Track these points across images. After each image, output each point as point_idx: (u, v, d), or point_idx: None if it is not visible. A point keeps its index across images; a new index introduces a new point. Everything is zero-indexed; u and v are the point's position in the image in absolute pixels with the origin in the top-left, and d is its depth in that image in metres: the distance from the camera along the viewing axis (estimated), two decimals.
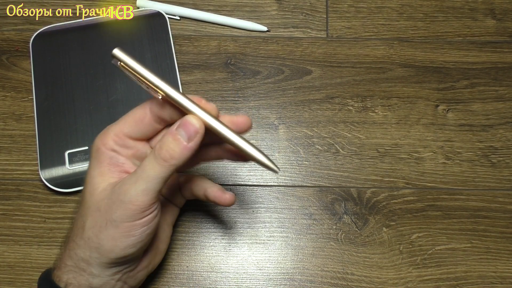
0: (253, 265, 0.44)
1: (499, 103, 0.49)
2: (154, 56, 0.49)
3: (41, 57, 0.49)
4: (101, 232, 0.33)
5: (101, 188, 0.34)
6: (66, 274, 0.34)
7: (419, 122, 0.48)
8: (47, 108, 0.47)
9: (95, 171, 0.35)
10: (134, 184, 0.33)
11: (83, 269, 0.34)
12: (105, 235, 0.33)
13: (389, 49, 0.51)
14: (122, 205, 0.33)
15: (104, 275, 0.35)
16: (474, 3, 0.53)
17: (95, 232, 0.34)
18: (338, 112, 0.49)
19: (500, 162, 0.47)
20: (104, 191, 0.34)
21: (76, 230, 0.35)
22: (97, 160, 0.35)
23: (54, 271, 0.35)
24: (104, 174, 0.35)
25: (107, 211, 0.33)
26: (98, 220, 0.33)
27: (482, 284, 0.43)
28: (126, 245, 0.34)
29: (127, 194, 0.33)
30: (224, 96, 0.49)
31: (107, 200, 0.33)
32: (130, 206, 0.33)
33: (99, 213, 0.33)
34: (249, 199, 0.46)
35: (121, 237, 0.33)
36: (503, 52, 0.51)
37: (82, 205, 0.35)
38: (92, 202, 0.34)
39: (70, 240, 0.35)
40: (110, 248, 0.33)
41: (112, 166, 0.35)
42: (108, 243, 0.33)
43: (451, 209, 0.45)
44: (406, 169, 0.47)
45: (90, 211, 0.34)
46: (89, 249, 0.34)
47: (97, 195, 0.34)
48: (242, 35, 0.52)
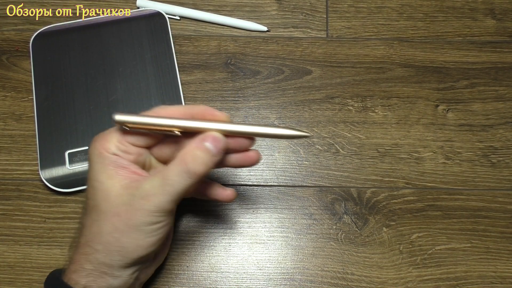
0: (253, 265, 0.44)
1: (499, 103, 0.49)
2: (154, 56, 0.49)
3: (41, 57, 0.49)
4: (123, 236, 0.34)
5: (115, 192, 0.34)
6: (85, 277, 0.34)
7: (419, 122, 0.48)
8: (47, 108, 0.47)
9: (101, 175, 0.35)
10: (160, 195, 0.33)
11: (105, 272, 0.35)
12: (128, 238, 0.34)
13: (389, 49, 0.51)
14: (146, 212, 0.33)
15: (125, 275, 0.35)
16: (474, 3, 0.53)
17: (116, 237, 0.34)
18: (338, 112, 0.49)
19: (500, 162, 0.47)
20: (121, 196, 0.34)
21: (91, 235, 0.35)
22: (101, 164, 0.35)
23: (68, 274, 0.35)
24: (112, 177, 0.34)
25: (129, 218, 0.34)
26: (118, 225, 0.34)
27: (482, 284, 0.43)
28: (149, 245, 0.35)
29: (151, 202, 0.33)
30: (224, 96, 0.49)
31: (127, 206, 0.34)
32: (155, 213, 0.34)
33: (118, 218, 0.34)
34: (249, 199, 0.46)
35: (144, 238, 0.34)
36: (503, 52, 0.51)
37: (94, 210, 0.35)
38: (108, 208, 0.34)
39: (84, 245, 0.35)
40: (133, 249, 0.34)
41: (118, 169, 0.35)
42: (131, 246, 0.34)
43: (451, 209, 0.45)
44: (406, 169, 0.47)
45: (108, 216, 0.34)
46: (110, 253, 0.34)
47: (112, 201, 0.34)
48: (242, 35, 0.52)
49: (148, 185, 0.34)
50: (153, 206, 0.33)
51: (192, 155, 0.34)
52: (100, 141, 0.36)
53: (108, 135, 0.36)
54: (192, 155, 0.34)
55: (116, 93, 0.48)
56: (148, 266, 0.39)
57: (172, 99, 0.48)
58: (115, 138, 0.35)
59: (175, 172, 0.34)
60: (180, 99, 0.48)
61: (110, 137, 0.35)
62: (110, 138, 0.35)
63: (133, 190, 0.34)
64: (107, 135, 0.36)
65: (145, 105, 0.47)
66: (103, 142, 0.35)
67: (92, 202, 0.35)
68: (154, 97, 0.48)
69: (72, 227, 0.44)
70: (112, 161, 0.35)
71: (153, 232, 0.34)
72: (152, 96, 0.48)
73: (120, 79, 0.48)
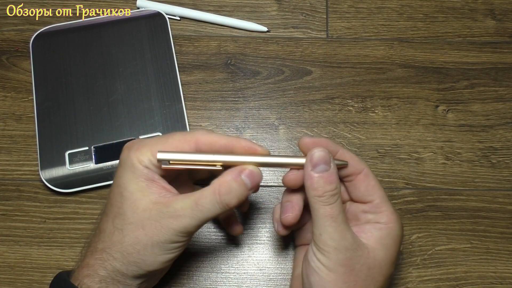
0: (253, 266, 0.44)
1: (499, 103, 0.49)
2: (154, 56, 0.49)
3: (41, 57, 0.49)
4: (145, 250, 0.34)
5: (144, 205, 0.34)
6: (98, 283, 0.34)
7: (419, 123, 0.48)
8: (47, 109, 0.47)
9: (132, 186, 0.35)
10: (189, 218, 0.34)
11: (118, 281, 0.35)
12: (149, 252, 0.34)
13: (389, 50, 0.51)
14: (172, 232, 0.34)
15: (135, 284, 0.36)
16: (474, 3, 0.53)
17: (137, 249, 0.34)
18: (338, 112, 0.49)
19: (500, 162, 0.47)
20: (149, 211, 0.34)
21: (110, 242, 0.35)
22: (133, 174, 0.35)
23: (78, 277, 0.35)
24: (143, 190, 0.35)
25: (154, 233, 0.34)
26: (141, 238, 0.34)
27: (482, 284, 0.43)
28: (166, 260, 0.35)
29: (180, 224, 0.34)
30: (224, 97, 0.49)
31: (153, 222, 0.34)
32: (180, 234, 0.34)
33: (143, 232, 0.34)
34: (249, 200, 0.46)
35: (163, 254, 0.34)
36: (503, 52, 0.51)
37: (119, 218, 0.35)
38: (134, 219, 0.34)
39: (102, 251, 0.35)
40: (151, 263, 0.34)
41: (149, 182, 0.35)
42: (150, 259, 0.34)
43: (451, 210, 0.45)
44: (406, 170, 0.47)
45: (132, 228, 0.34)
46: (127, 263, 0.34)
47: (140, 213, 0.34)
48: (242, 35, 0.52)
49: (179, 205, 0.34)
50: (180, 227, 0.34)
51: (228, 187, 0.34)
52: (135, 152, 0.35)
53: (143, 147, 0.35)
54: (228, 186, 0.34)
55: (116, 93, 0.48)
56: (155, 276, 0.39)
57: (172, 100, 0.48)
58: (149, 151, 0.35)
59: (208, 200, 0.34)
60: (180, 100, 0.48)
61: (145, 149, 0.35)
62: (145, 151, 0.35)
63: (163, 207, 0.34)
64: (142, 146, 0.36)
65: (145, 105, 0.47)
66: (137, 153, 0.35)
67: (117, 210, 0.35)
68: (154, 97, 0.48)
69: (72, 228, 0.44)
70: (144, 173, 0.35)
71: (173, 249, 0.35)
72: (152, 96, 0.48)
73: (120, 80, 0.48)
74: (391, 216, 0.35)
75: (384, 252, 0.34)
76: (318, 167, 0.34)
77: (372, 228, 0.35)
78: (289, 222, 0.36)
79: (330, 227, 0.33)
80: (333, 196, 0.34)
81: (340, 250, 0.33)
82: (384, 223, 0.35)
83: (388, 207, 0.36)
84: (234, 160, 0.35)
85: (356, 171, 0.36)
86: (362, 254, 0.33)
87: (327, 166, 0.34)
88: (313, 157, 0.34)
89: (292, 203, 0.37)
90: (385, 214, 0.35)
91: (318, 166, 0.34)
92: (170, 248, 0.34)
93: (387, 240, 0.35)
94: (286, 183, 0.36)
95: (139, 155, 0.35)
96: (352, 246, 0.33)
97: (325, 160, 0.34)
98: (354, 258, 0.33)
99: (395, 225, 0.35)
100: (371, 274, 0.33)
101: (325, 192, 0.33)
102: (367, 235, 0.35)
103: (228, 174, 0.35)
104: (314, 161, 0.34)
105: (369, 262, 0.34)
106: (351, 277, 0.33)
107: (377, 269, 0.34)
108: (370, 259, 0.34)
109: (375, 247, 0.34)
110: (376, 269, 0.34)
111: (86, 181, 0.45)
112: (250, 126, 0.48)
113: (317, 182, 0.34)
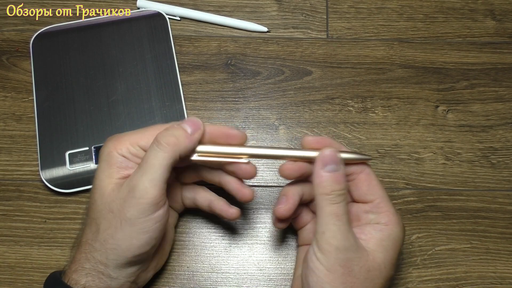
0: (253, 266, 0.44)
1: (498, 103, 0.49)
2: (154, 56, 0.49)
3: (41, 57, 0.49)
4: (117, 232, 0.34)
5: (109, 189, 0.35)
6: (85, 277, 0.34)
7: (419, 123, 0.48)
8: (47, 109, 0.47)
9: (103, 174, 0.35)
10: (141, 177, 0.34)
11: (101, 272, 0.35)
12: (121, 235, 0.34)
13: (389, 50, 0.51)
14: (134, 201, 0.33)
15: (121, 276, 0.35)
16: (474, 4, 0.53)
17: (110, 233, 0.34)
18: (338, 112, 0.49)
19: (499, 162, 0.47)
20: (113, 192, 0.34)
21: (90, 233, 0.35)
22: (107, 162, 0.35)
23: (68, 274, 0.35)
24: (112, 176, 0.35)
25: (120, 211, 0.34)
26: (112, 221, 0.34)
27: (482, 284, 0.43)
28: (142, 243, 0.34)
29: (136, 190, 0.33)
30: (225, 97, 0.49)
31: (118, 200, 0.34)
32: (141, 201, 0.33)
33: (112, 215, 0.34)
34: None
35: (137, 235, 0.34)
36: (502, 53, 0.51)
37: (93, 208, 0.35)
38: (103, 205, 0.34)
39: (85, 243, 0.35)
40: (126, 247, 0.34)
41: (120, 169, 0.35)
42: (125, 243, 0.34)
43: (451, 210, 0.45)
44: (406, 170, 0.47)
45: (103, 214, 0.34)
46: (105, 251, 0.34)
47: (106, 197, 0.34)
48: (242, 35, 0.52)
49: (133, 174, 0.34)
50: (139, 194, 0.33)
51: (169, 130, 0.35)
52: (114, 141, 0.36)
53: (122, 137, 0.36)
54: (169, 129, 0.35)
55: (116, 94, 0.48)
56: (146, 270, 0.38)
57: (172, 100, 0.48)
58: (128, 140, 0.36)
59: (150, 151, 0.34)
60: (180, 100, 0.48)
61: (124, 139, 0.36)
62: (124, 140, 0.36)
63: (122, 184, 0.34)
64: (121, 136, 0.36)
65: (145, 105, 0.47)
66: (116, 142, 0.36)
67: (91, 201, 0.36)
68: (154, 97, 0.48)
69: (73, 228, 0.44)
70: (118, 161, 0.35)
71: (146, 228, 0.34)
72: (152, 96, 0.48)
73: (120, 80, 0.48)
74: (392, 217, 0.35)
75: (384, 254, 0.34)
76: (328, 166, 0.34)
77: (372, 229, 0.35)
78: (280, 214, 0.37)
79: (334, 226, 0.33)
80: (340, 195, 0.34)
81: (341, 250, 0.33)
82: (384, 223, 0.35)
83: (389, 208, 0.36)
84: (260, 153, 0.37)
85: (357, 169, 0.37)
86: (362, 256, 0.34)
87: (337, 166, 0.34)
88: (325, 156, 0.34)
89: (287, 196, 0.37)
90: (386, 215, 0.35)
91: (328, 165, 0.34)
92: (142, 225, 0.34)
93: (387, 242, 0.35)
94: (282, 173, 0.37)
95: (117, 143, 0.36)
96: (353, 247, 0.33)
97: (335, 160, 0.34)
98: (354, 259, 0.33)
99: (395, 226, 0.35)
100: (370, 277, 0.33)
101: (332, 191, 0.34)
102: (367, 237, 0.35)
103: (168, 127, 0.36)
104: (326, 160, 0.34)
105: (368, 264, 0.34)
106: (349, 278, 0.33)
107: (376, 272, 0.34)
108: (370, 261, 0.34)
109: (374, 249, 0.34)
110: (376, 272, 0.34)
111: (86, 181, 0.45)
112: (250, 127, 0.48)
113: (326, 180, 0.34)
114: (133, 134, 0.36)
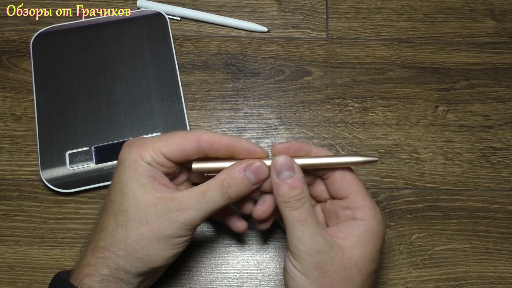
0: (253, 266, 0.44)
1: (498, 103, 0.49)
2: (154, 56, 0.49)
3: (41, 57, 0.49)
4: (150, 245, 0.34)
5: (147, 201, 0.34)
6: (99, 282, 0.34)
7: (419, 123, 0.48)
8: (47, 109, 0.47)
9: (133, 183, 0.35)
10: (196, 210, 0.34)
11: (121, 279, 0.35)
12: (154, 247, 0.34)
13: (389, 50, 0.51)
14: (179, 225, 0.34)
15: (136, 282, 0.35)
16: (474, 4, 0.53)
17: (142, 245, 0.34)
18: (338, 112, 0.49)
19: (499, 162, 0.47)
20: (153, 206, 0.34)
21: (113, 239, 0.35)
22: (135, 171, 0.35)
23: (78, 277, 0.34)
24: (145, 186, 0.35)
25: (160, 227, 0.34)
26: (146, 233, 0.34)
27: (482, 284, 0.43)
28: (170, 256, 0.35)
29: (187, 216, 0.34)
30: (225, 97, 0.49)
31: (159, 216, 0.34)
32: (186, 227, 0.34)
33: (147, 227, 0.34)
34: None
35: (168, 249, 0.35)
36: (502, 53, 0.51)
37: (121, 215, 0.35)
38: (138, 215, 0.34)
39: (104, 249, 0.35)
40: (155, 259, 0.34)
41: (152, 179, 0.35)
42: (155, 254, 0.34)
43: (451, 210, 0.45)
44: (406, 170, 0.47)
45: (136, 224, 0.34)
46: (132, 260, 0.34)
47: (143, 209, 0.34)
48: (242, 35, 0.52)
49: (185, 198, 0.34)
50: (187, 219, 0.34)
51: (232, 181, 0.35)
52: (137, 148, 0.35)
53: (145, 144, 0.36)
54: (232, 180, 0.35)
55: (117, 94, 0.48)
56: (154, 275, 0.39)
57: (172, 100, 0.48)
58: (151, 147, 0.35)
59: (214, 192, 0.34)
60: (180, 100, 0.48)
61: (147, 146, 0.35)
62: (147, 147, 0.35)
63: (168, 201, 0.34)
64: (144, 143, 0.36)
65: (145, 105, 0.47)
66: (140, 149, 0.35)
67: (118, 207, 0.35)
68: (155, 97, 0.48)
69: (73, 228, 0.44)
70: (146, 170, 0.35)
71: (178, 244, 0.35)
72: (152, 96, 0.48)
73: (120, 80, 0.48)
74: (368, 212, 0.35)
75: (361, 250, 0.34)
76: (282, 174, 0.34)
77: (349, 226, 0.35)
78: (257, 215, 0.37)
79: (299, 231, 0.33)
80: (299, 200, 0.34)
81: (311, 254, 0.33)
82: (361, 219, 0.35)
83: (365, 202, 0.35)
84: None
85: None
86: (336, 256, 0.33)
87: (291, 172, 0.34)
88: (276, 164, 0.35)
89: (264, 198, 0.37)
90: (362, 210, 0.35)
91: (282, 173, 0.34)
92: (176, 242, 0.35)
93: (364, 238, 0.34)
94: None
95: (141, 151, 0.35)
96: (324, 248, 0.33)
97: (288, 166, 0.35)
98: (326, 260, 0.33)
99: (371, 220, 0.35)
100: (347, 275, 0.33)
101: (290, 197, 0.34)
102: (344, 235, 0.34)
103: (235, 168, 0.35)
104: (277, 169, 0.35)
105: (344, 263, 0.33)
106: (325, 279, 0.33)
107: (353, 269, 0.33)
108: (345, 259, 0.33)
109: (351, 246, 0.34)
110: (353, 269, 0.33)
111: (86, 181, 0.45)
112: (250, 126, 0.48)
113: (282, 189, 0.34)
114: (156, 141, 0.36)
